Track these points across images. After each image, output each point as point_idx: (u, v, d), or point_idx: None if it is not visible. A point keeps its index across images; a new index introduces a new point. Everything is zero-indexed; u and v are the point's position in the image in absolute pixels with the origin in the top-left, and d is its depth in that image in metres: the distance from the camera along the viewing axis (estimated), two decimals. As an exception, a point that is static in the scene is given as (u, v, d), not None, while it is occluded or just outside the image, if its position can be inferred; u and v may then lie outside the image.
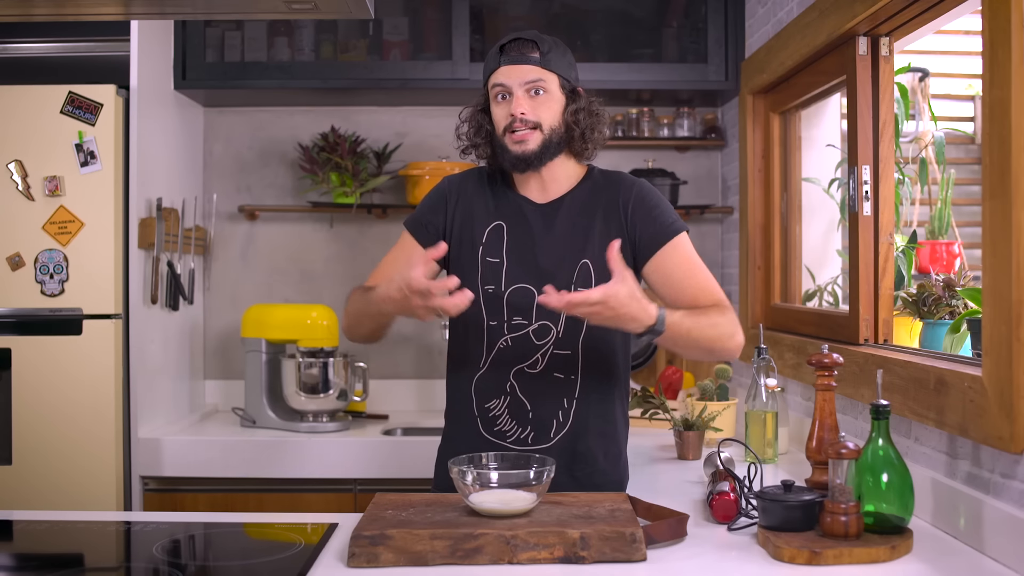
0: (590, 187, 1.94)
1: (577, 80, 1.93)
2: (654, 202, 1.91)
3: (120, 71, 2.83)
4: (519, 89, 1.85)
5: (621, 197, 1.91)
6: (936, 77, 2.93)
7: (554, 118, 1.87)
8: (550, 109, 1.87)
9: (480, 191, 1.96)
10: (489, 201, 1.95)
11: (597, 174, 1.97)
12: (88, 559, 1.61)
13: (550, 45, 1.88)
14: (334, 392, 3.06)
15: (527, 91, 1.86)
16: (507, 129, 1.87)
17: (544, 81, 1.86)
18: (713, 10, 3.11)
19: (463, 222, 1.94)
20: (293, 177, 3.46)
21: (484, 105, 1.94)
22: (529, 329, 1.89)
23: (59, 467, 2.71)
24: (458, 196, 1.97)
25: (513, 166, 1.89)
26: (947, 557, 1.55)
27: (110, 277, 2.76)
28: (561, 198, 1.93)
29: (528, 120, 1.85)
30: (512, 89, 1.86)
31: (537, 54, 1.86)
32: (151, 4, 1.86)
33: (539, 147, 1.86)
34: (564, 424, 1.90)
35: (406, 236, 1.99)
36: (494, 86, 1.89)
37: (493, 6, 3.25)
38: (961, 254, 2.44)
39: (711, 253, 3.47)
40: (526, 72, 1.85)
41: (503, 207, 1.94)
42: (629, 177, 1.97)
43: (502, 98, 1.88)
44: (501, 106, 1.88)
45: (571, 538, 1.47)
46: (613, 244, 1.66)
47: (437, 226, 1.96)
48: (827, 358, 1.84)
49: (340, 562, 1.49)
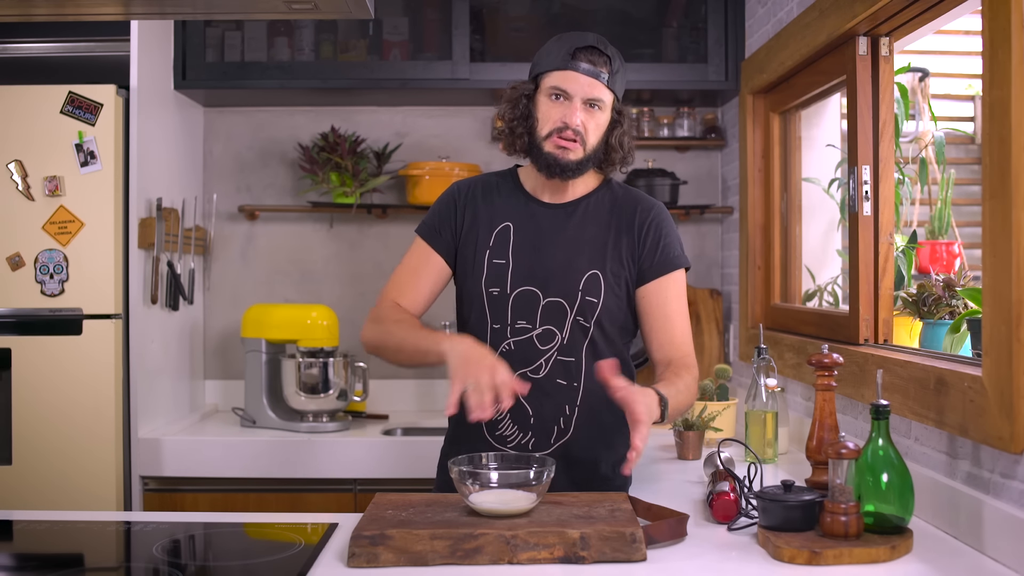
0: (609, 200, 1.94)
1: (622, 101, 1.94)
2: (666, 230, 1.93)
3: (120, 71, 2.83)
4: (579, 99, 1.84)
5: (639, 218, 1.92)
6: (936, 77, 2.94)
7: (599, 136, 1.88)
8: (599, 127, 1.87)
9: (489, 194, 1.96)
10: (498, 203, 1.95)
11: (616, 188, 1.97)
12: (88, 559, 1.61)
13: (619, 64, 1.87)
14: (334, 392, 3.06)
15: (585, 103, 1.84)
16: (553, 132, 1.85)
17: (604, 101, 1.85)
18: (713, 10, 3.11)
19: (471, 225, 1.94)
20: (293, 177, 3.46)
21: (531, 93, 1.90)
22: (533, 334, 1.89)
23: (59, 467, 2.71)
24: (467, 200, 1.96)
25: (548, 168, 1.87)
26: (947, 557, 1.55)
27: (110, 277, 2.76)
28: (576, 201, 1.93)
29: (580, 133, 1.84)
30: (572, 96, 1.84)
31: (607, 71, 1.84)
32: (151, 4, 1.86)
33: (580, 160, 1.86)
34: (565, 431, 1.90)
35: (420, 244, 1.97)
36: (554, 85, 1.85)
37: (493, 6, 3.25)
38: (961, 254, 2.44)
39: (711, 253, 3.47)
40: (592, 85, 1.83)
41: (512, 208, 1.94)
42: (648, 199, 1.98)
43: (556, 98, 1.85)
44: (554, 107, 1.85)
45: (571, 538, 1.47)
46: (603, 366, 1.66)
47: (451, 231, 1.95)
48: (827, 358, 1.84)
49: (340, 562, 1.49)
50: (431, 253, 1.95)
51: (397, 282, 1.97)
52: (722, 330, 3.32)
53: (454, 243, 1.95)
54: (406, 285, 1.95)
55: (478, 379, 1.62)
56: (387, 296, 1.96)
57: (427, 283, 1.96)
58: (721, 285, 3.44)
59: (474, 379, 1.62)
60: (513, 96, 1.92)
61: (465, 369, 1.65)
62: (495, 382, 1.62)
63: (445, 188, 2.03)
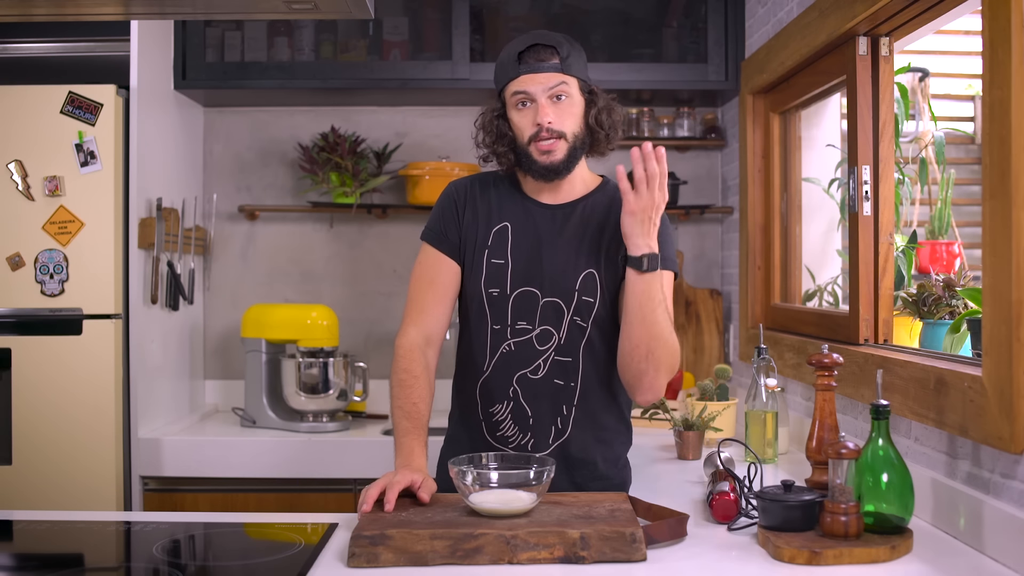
0: (607, 201, 1.93)
1: (590, 79, 1.92)
2: (661, 236, 1.88)
3: (120, 71, 2.83)
4: (542, 97, 1.83)
5: None
6: (936, 77, 2.93)
7: (577, 124, 1.86)
8: (573, 115, 1.86)
9: (486, 194, 1.96)
10: (495, 203, 1.94)
11: (613, 188, 1.95)
12: (88, 559, 1.61)
13: (568, 48, 1.85)
14: (334, 392, 3.06)
15: (550, 98, 1.83)
16: (532, 138, 1.84)
17: (566, 85, 1.84)
18: (713, 10, 3.11)
19: (471, 222, 1.94)
20: (293, 177, 3.46)
21: (501, 111, 1.91)
22: (532, 335, 1.89)
23: (59, 467, 2.71)
24: (466, 200, 1.96)
25: (541, 176, 1.87)
26: (947, 557, 1.55)
27: (110, 277, 2.76)
28: (574, 202, 1.92)
29: (554, 130, 1.83)
30: (535, 97, 1.83)
31: (557, 59, 1.83)
32: (151, 4, 1.86)
33: (566, 156, 1.85)
34: (563, 431, 1.90)
35: (429, 251, 1.95)
36: (515, 94, 1.85)
37: (493, 6, 3.25)
38: (961, 254, 2.44)
39: (711, 253, 3.47)
40: (548, 79, 1.82)
41: (509, 209, 1.93)
42: None
43: (523, 105, 1.85)
44: (523, 114, 1.85)
45: (571, 538, 1.47)
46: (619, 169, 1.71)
47: (456, 231, 1.94)
48: (827, 358, 1.84)
49: (340, 562, 1.49)
50: (441, 259, 1.94)
51: (415, 301, 1.94)
52: (722, 330, 3.32)
53: (460, 243, 1.94)
54: (426, 303, 1.92)
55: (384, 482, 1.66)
56: (409, 321, 1.92)
57: (445, 291, 1.93)
58: (721, 285, 3.44)
59: (385, 481, 1.66)
60: (485, 120, 1.93)
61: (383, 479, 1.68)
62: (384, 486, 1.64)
63: (445, 188, 2.03)
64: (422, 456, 1.77)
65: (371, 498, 1.61)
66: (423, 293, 1.93)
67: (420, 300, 1.93)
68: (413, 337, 1.89)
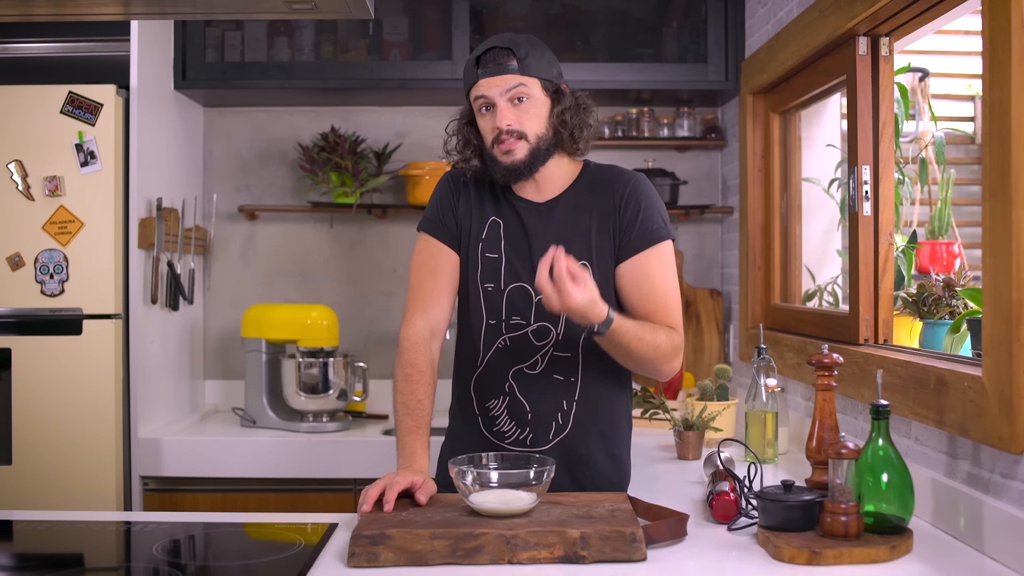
0: (585, 186, 1.92)
1: (560, 77, 1.89)
2: (645, 203, 1.88)
3: (120, 71, 2.83)
4: (501, 100, 1.83)
5: (616, 196, 1.89)
6: (936, 77, 2.93)
7: (540, 124, 1.85)
8: (535, 116, 1.84)
9: (480, 184, 1.95)
10: (486, 197, 1.94)
11: (592, 170, 1.94)
12: (88, 559, 1.61)
13: (526, 49, 1.84)
14: (334, 392, 3.06)
15: (510, 100, 1.83)
16: (495, 141, 1.84)
17: (525, 87, 1.83)
18: (713, 10, 3.11)
19: (465, 212, 1.94)
20: (293, 177, 3.46)
21: (470, 117, 1.92)
22: (528, 330, 1.89)
23: (59, 467, 2.71)
24: (461, 188, 1.96)
25: (504, 177, 1.87)
26: (947, 557, 1.55)
27: (110, 277, 2.76)
28: (557, 198, 1.92)
29: (514, 130, 1.83)
30: (494, 100, 1.83)
31: (514, 61, 1.82)
32: (151, 4, 1.86)
33: (527, 156, 1.84)
34: (564, 427, 1.89)
35: (427, 240, 1.95)
36: (476, 98, 1.86)
37: (493, 6, 3.25)
38: (961, 254, 2.44)
39: (711, 253, 3.47)
40: (506, 81, 1.82)
41: (499, 205, 1.93)
42: (625, 173, 1.93)
43: (486, 110, 1.86)
44: (486, 118, 1.86)
45: (571, 538, 1.47)
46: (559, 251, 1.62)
47: (453, 220, 1.94)
48: (827, 358, 1.84)
49: (340, 562, 1.49)
50: (440, 248, 1.93)
51: (419, 290, 1.93)
52: (722, 330, 3.32)
53: (458, 231, 1.94)
54: (430, 292, 1.91)
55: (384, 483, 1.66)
56: (415, 311, 1.91)
57: (445, 281, 1.93)
58: (721, 285, 3.44)
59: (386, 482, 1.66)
60: (456, 128, 1.93)
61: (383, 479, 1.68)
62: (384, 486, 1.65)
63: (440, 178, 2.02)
64: (424, 457, 1.77)
65: (371, 498, 1.62)
66: (426, 281, 1.92)
67: (424, 289, 1.92)
68: (420, 328, 1.88)
